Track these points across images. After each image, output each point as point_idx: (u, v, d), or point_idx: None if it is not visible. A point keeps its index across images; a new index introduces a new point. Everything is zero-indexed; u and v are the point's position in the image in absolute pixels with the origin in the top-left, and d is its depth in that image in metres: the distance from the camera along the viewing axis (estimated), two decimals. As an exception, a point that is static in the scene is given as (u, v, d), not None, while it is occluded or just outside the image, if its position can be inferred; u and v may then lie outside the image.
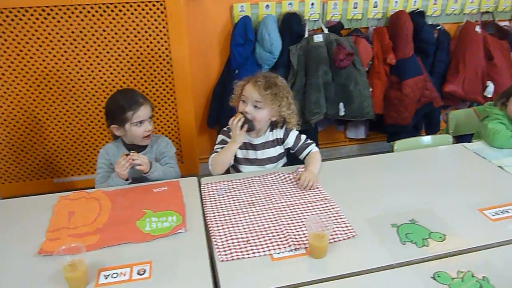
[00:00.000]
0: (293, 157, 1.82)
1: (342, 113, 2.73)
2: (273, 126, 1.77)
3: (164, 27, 2.33)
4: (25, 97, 2.37)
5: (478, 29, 2.98)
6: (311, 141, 1.78)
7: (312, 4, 2.72)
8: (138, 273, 1.15)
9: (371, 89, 2.78)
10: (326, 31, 2.71)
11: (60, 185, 2.61)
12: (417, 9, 2.91)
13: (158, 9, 2.30)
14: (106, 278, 1.14)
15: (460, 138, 2.28)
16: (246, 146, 1.76)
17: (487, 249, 1.24)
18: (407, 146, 1.92)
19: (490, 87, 3.00)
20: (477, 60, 2.95)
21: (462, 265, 1.16)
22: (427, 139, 2.02)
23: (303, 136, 1.79)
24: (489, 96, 3.00)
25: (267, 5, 2.66)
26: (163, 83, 2.48)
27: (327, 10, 2.77)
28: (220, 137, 1.80)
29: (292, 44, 2.64)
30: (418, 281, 1.11)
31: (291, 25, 2.63)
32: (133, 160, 1.61)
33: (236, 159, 1.79)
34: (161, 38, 2.36)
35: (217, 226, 1.34)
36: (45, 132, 2.48)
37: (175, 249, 1.26)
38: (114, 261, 1.20)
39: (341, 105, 2.71)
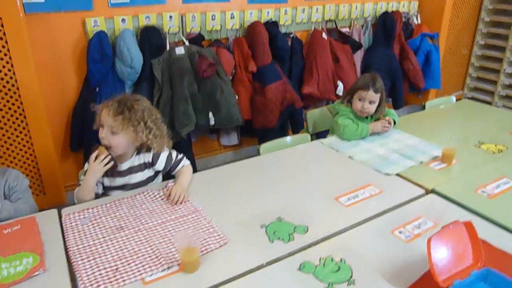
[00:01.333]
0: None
1: (212, 122, 2.78)
2: (139, 150, 1.70)
3: (3, 47, 2.08)
4: None
5: (324, 35, 3.33)
6: (182, 155, 1.76)
7: (170, 17, 2.71)
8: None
9: (237, 97, 2.89)
10: (187, 43, 2.73)
11: None
12: (271, 19, 3.13)
13: (-7, 26, 2.05)
14: None
15: (320, 135, 2.51)
16: (112, 173, 1.66)
17: (343, 233, 1.38)
18: (271, 147, 2.04)
19: (340, 86, 3.37)
20: (327, 63, 3.30)
21: (323, 252, 1.28)
22: (288, 139, 2.18)
23: (174, 154, 1.74)
24: (340, 94, 3.37)
25: (123, 19, 2.57)
26: (10, 108, 2.21)
27: (186, 23, 2.80)
28: (86, 165, 1.67)
29: (153, 58, 2.60)
30: (286, 275, 1.18)
31: (150, 39, 2.58)
32: None
33: (104, 186, 1.69)
34: (1, 59, 2.10)
35: (82, 259, 1.24)
36: None
37: (33, 294, 1.12)
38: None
39: (210, 114, 2.76)
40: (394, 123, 2.25)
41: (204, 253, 1.25)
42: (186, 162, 1.75)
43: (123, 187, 1.69)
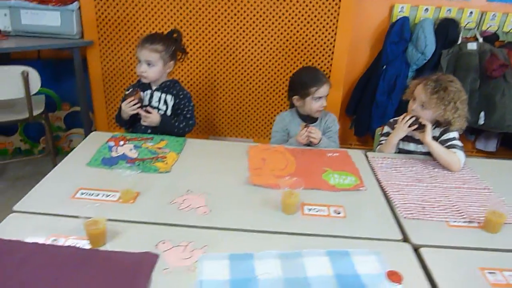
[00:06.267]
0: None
1: (481, 121, 2.79)
2: (436, 124, 1.89)
3: (335, 17, 2.60)
4: (205, 62, 2.82)
5: None
6: (458, 148, 1.81)
7: (471, 12, 2.80)
8: (336, 212, 1.43)
9: (517, 103, 2.80)
10: (480, 40, 2.78)
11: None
12: None
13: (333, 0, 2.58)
14: (310, 211, 1.43)
15: None
16: (408, 139, 1.93)
17: None
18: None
19: None
20: None
21: None
22: None
23: (456, 141, 1.82)
24: None
25: (426, 9, 2.80)
26: (321, 67, 2.76)
27: (484, 21, 2.83)
28: (386, 128, 2.02)
29: (444, 49, 2.76)
30: None
31: (447, 31, 2.74)
32: (310, 132, 1.90)
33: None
34: (330, 27, 2.63)
35: (393, 191, 1.57)
36: (213, 93, 2.91)
37: (359, 201, 1.51)
38: (313, 200, 1.48)
39: (482, 114, 2.77)
40: None
41: None
42: (459, 152, 1.78)
43: (411, 152, 1.95)
